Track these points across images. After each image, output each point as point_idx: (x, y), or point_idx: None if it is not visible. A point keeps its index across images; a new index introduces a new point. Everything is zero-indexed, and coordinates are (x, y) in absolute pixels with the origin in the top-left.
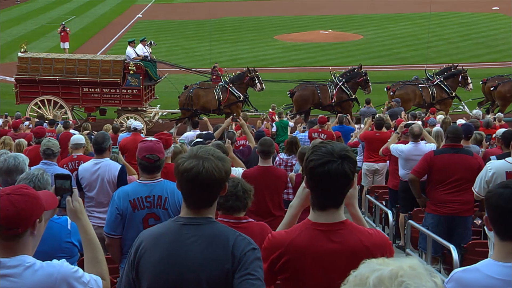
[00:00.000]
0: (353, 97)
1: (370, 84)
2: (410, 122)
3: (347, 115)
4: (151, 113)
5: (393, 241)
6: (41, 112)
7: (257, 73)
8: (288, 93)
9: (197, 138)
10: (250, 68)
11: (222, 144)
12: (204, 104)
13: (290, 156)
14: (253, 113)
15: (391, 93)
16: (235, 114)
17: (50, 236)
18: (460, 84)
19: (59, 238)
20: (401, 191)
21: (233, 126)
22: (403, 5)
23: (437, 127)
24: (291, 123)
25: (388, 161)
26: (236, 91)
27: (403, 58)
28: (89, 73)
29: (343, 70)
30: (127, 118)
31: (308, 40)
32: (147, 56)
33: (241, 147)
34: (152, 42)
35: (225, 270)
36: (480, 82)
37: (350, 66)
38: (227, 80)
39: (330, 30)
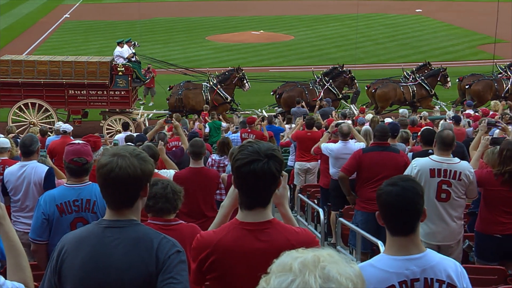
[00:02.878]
0: (340, 96)
1: (356, 82)
2: (340, 121)
3: (278, 116)
4: (137, 115)
5: (325, 238)
6: (23, 115)
7: (243, 71)
8: (272, 93)
9: (125, 140)
10: (237, 68)
11: (153, 146)
12: (194, 105)
13: (222, 157)
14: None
15: (373, 91)
16: (168, 115)
17: None
18: (439, 82)
19: None
20: (332, 190)
21: (166, 128)
22: (331, 6)
23: (366, 126)
24: (223, 124)
25: (319, 160)
26: (224, 92)
27: (333, 59)
28: (75, 75)
29: (287, 71)
30: (115, 120)
31: (240, 41)
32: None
33: (174, 149)
34: (136, 43)
35: (149, 273)
36: (457, 80)
37: (282, 66)
38: (214, 81)
39: (262, 31)
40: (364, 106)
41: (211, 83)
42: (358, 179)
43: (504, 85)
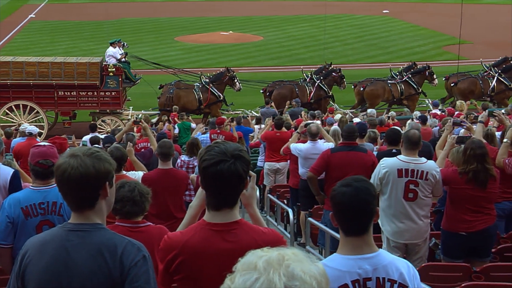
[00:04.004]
0: (330, 94)
1: (345, 80)
2: (309, 121)
3: (248, 116)
4: (127, 115)
5: (295, 238)
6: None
7: (235, 73)
8: (261, 91)
9: (90, 141)
10: (228, 68)
11: (121, 147)
12: (185, 104)
13: (192, 158)
14: (229, 112)
15: (361, 89)
16: (136, 117)
17: None
18: (426, 80)
19: None
20: (301, 190)
21: (135, 129)
22: (300, 7)
23: (335, 126)
24: (193, 125)
25: (289, 161)
26: (216, 90)
27: (302, 59)
28: (64, 76)
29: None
30: (104, 122)
31: (209, 42)
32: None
33: (142, 150)
34: (125, 44)
35: (113, 278)
36: (443, 79)
37: (251, 67)
38: (206, 80)
39: (231, 32)
40: (333, 107)
41: (203, 82)
42: (327, 178)
43: (490, 84)
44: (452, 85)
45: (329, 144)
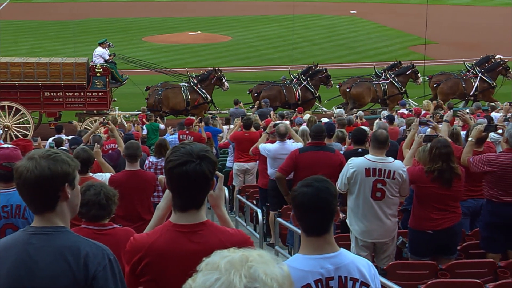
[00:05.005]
0: (316, 95)
1: (331, 79)
2: (278, 121)
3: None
4: (114, 115)
5: (264, 239)
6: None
7: (222, 72)
8: (248, 92)
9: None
10: (216, 68)
11: (88, 149)
12: (173, 105)
13: (160, 159)
14: (218, 112)
15: (347, 90)
16: (104, 118)
17: None
18: (411, 79)
19: None
20: (270, 190)
21: (102, 130)
22: (268, 7)
23: (303, 126)
24: (161, 126)
25: (258, 161)
26: (204, 91)
27: (271, 59)
28: (50, 76)
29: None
30: (91, 122)
31: (177, 42)
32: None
33: (110, 151)
34: (111, 44)
35: (77, 282)
36: (427, 78)
37: (220, 67)
38: (194, 81)
39: (199, 32)
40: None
41: (191, 83)
42: (295, 178)
43: (473, 84)
44: (434, 85)
45: (298, 144)
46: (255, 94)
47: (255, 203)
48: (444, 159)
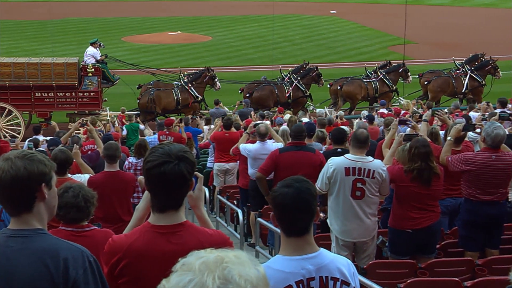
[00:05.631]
0: (307, 93)
1: (322, 78)
2: (258, 122)
3: (196, 116)
4: (106, 116)
5: (245, 239)
6: None
7: (214, 72)
8: (240, 91)
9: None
10: (208, 67)
11: (66, 150)
12: (166, 105)
13: (139, 160)
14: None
15: (338, 88)
16: (83, 118)
17: None
18: (401, 78)
19: None
20: (251, 190)
21: (82, 131)
22: (249, 7)
23: (284, 126)
24: (141, 126)
25: (238, 161)
26: (195, 91)
27: (251, 59)
28: (41, 77)
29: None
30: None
31: (157, 42)
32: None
33: (89, 152)
34: (101, 44)
35: (55, 286)
36: (417, 76)
37: (200, 67)
38: (186, 80)
39: (179, 32)
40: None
41: (182, 82)
42: (276, 178)
43: (463, 82)
44: (425, 83)
45: (278, 144)
46: (247, 94)
47: (235, 203)
48: (423, 159)
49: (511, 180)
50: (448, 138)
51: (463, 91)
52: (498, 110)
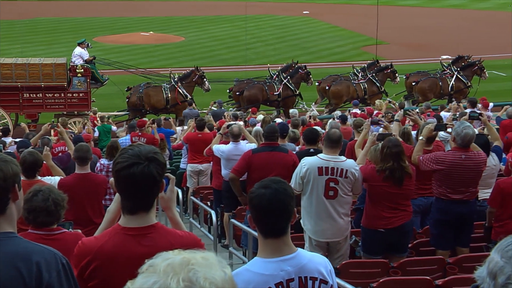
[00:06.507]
0: (297, 92)
1: (311, 76)
2: (232, 122)
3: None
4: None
5: (218, 240)
6: None
7: (203, 72)
8: (228, 90)
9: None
10: (197, 67)
11: (35, 152)
12: (154, 103)
13: (111, 161)
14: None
15: (327, 88)
16: (53, 120)
17: None
18: (388, 78)
19: None
20: (224, 191)
21: (52, 133)
22: (221, 7)
23: (257, 127)
24: (113, 128)
25: (212, 162)
26: (184, 90)
27: (224, 60)
28: (29, 77)
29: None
30: (74, 123)
31: (129, 42)
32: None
33: (59, 154)
34: (89, 44)
35: None
36: (404, 77)
37: (173, 68)
38: (175, 79)
39: (152, 32)
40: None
41: (172, 81)
42: (249, 179)
43: (448, 82)
44: (413, 83)
45: (252, 145)
46: (237, 93)
47: (209, 204)
48: (395, 159)
49: (481, 179)
50: (420, 137)
51: (448, 92)
52: (468, 110)
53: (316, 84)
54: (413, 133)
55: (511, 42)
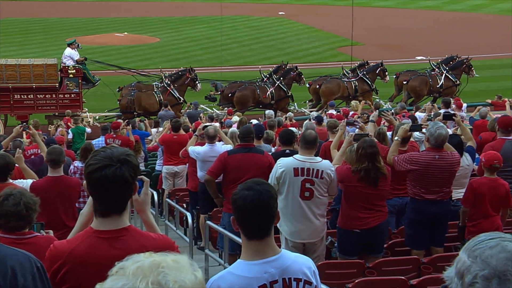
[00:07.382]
0: (289, 94)
1: (303, 77)
2: (207, 124)
3: (145, 120)
4: (86, 117)
5: (194, 242)
6: None
7: (195, 73)
8: (219, 92)
9: None
10: (189, 68)
11: (6, 154)
12: (146, 106)
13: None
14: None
15: (317, 87)
16: (24, 123)
17: None
18: (378, 77)
19: None
20: (200, 193)
21: (24, 135)
22: (196, 8)
23: (233, 128)
24: (88, 130)
25: (187, 163)
26: (176, 92)
27: (200, 61)
28: (20, 78)
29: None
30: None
31: (103, 43)
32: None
33: (32, 157)
34: (79, 45)
35: None
36: (394, 76)
37: (148, 69)
38: (168, 82)
39: (126, 33)
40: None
41: (164, 83)
42: (225, 181)
43: (438, 81)
44: (404, 82)
45: (227, 147)
46: (229, 95)
47: (185, 206)
48: (370, 159)
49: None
50: (395, 138)
51: (438, 90)
52: (442, 111)
53: (307, 86)
54: (389, 133)
55: (484, 43)
